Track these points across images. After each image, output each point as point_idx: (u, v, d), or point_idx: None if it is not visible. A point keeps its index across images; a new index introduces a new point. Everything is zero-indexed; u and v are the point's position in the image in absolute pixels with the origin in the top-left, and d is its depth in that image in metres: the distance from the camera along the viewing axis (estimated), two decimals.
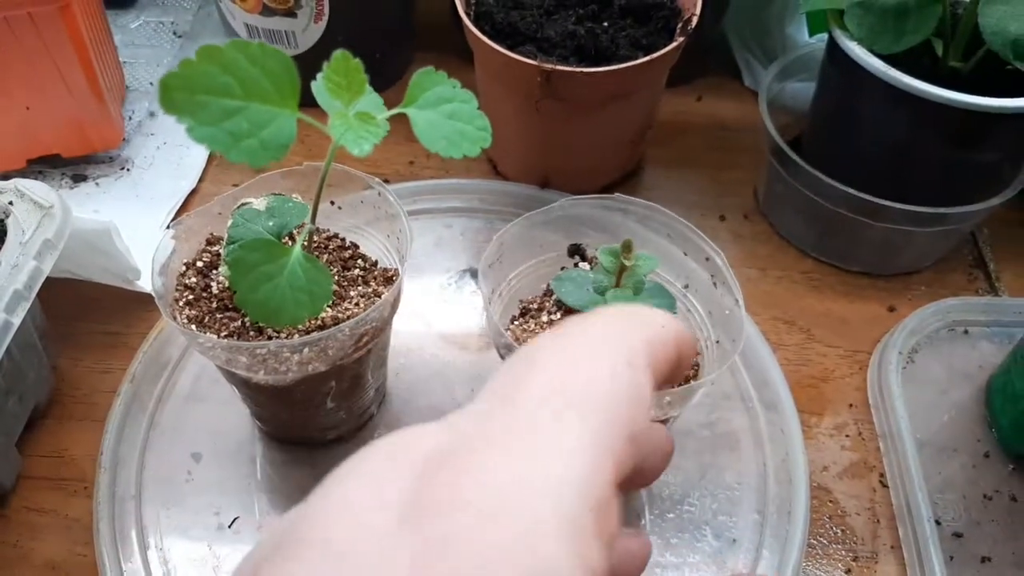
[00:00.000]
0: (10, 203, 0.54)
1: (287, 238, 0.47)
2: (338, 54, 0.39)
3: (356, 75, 0.40)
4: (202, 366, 0.60)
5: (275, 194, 0.49)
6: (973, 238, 0.71)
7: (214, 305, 0.47)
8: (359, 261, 0.51)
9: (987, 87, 0.56)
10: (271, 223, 0.46)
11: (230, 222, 0.47)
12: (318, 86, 0.40)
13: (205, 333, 0.46)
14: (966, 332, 0.64)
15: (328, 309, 0.47)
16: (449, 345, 0.62)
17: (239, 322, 0.46)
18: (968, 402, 0.61)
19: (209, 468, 0.56)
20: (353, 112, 0.40)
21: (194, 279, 0.49)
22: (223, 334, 0.46)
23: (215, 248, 0.51)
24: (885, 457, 0.57)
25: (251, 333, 0.46)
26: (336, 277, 0.49)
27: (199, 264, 0.50)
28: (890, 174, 0.63)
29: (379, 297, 0.48)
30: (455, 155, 0.41)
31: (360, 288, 0.49)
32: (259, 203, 0.47)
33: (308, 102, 0.39)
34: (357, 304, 0.48)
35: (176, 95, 0.35)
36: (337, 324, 0.46)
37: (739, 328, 0.46)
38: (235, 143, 0.36)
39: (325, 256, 0.51)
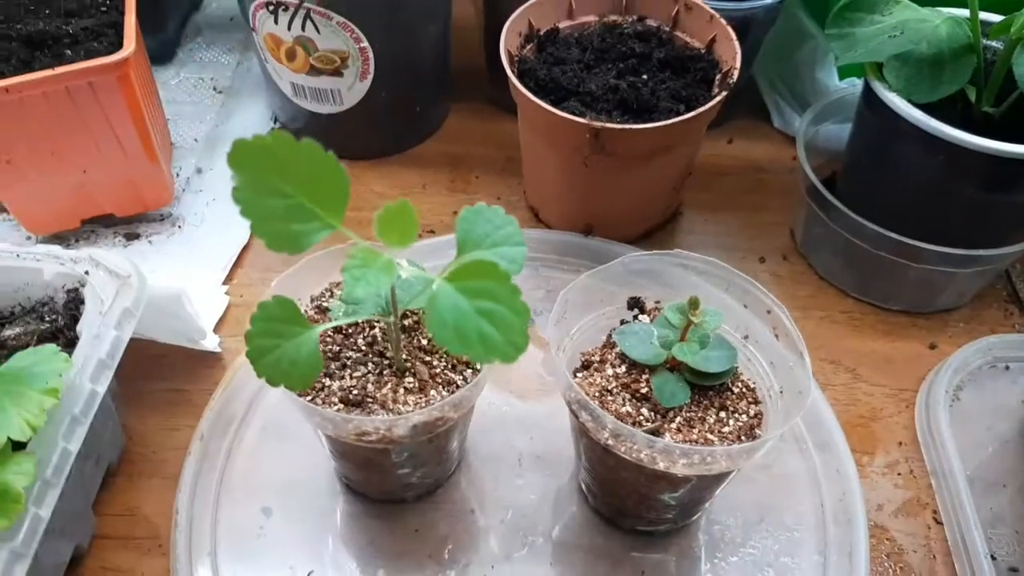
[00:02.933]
0: (86, 272, 0.56)
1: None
2: (403, 203, 0.39)
3: (410, 226, 0.39)
4: (267, 420, 0.62)
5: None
6: (1007, 275, 0.73)
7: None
8: None
9: (1018, 131, 0.58)
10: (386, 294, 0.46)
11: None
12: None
13: (312, 400, 0.47)
14: (1007, 368, 0.66)
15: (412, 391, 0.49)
16: (507, 395, 0.64)
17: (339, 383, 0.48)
18: (1013, 437, 0.62)
19: (279, 523, 0.57)
20: (391, 257, 0.40)
21: None
22: (333, 402, 0.47)
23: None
24: (938, 494, 0.59)
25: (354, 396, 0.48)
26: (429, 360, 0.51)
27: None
28: (925, 216, 0.65)
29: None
30: (475, 360, 0.40)
31: (442, 363, 0.51)
32: (407, 270, 0.48)
33: (352, 155, 0.39)
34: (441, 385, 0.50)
35: (243, 181, 0.36)
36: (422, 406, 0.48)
37: (805, 380, 0.48)
38: (276, 237, 0.38)
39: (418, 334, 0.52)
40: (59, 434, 0.47)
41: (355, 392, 0.48)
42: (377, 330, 0.52)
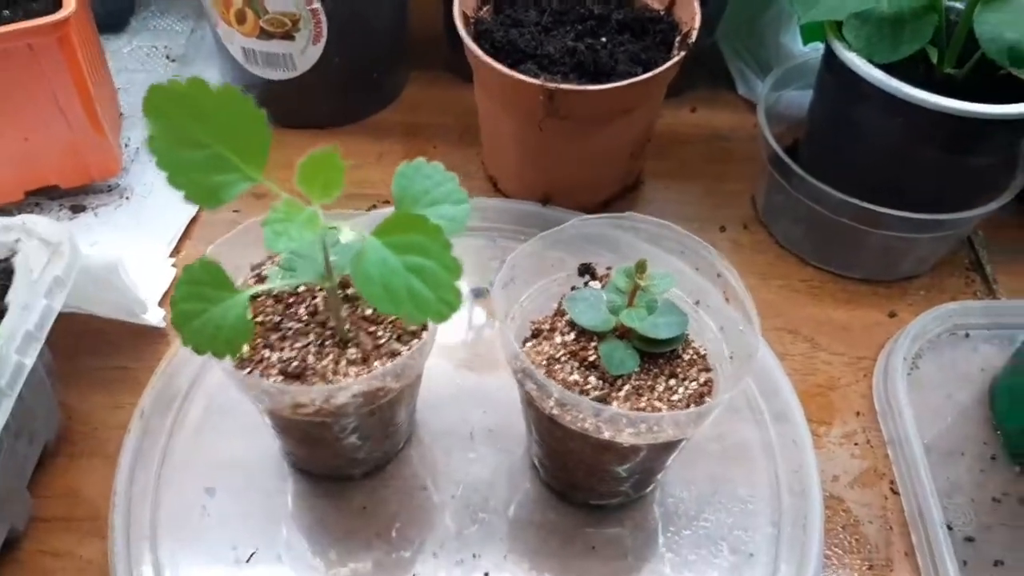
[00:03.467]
0: (17, 240, 0.54)
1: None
2: (329, 150, 0.37)
3: (334, 176, 0.37)
4: (210, 397, 0.60)
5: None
6: (969, 242, 0.72)
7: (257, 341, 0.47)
8: None
9: (981, 93, 0.57)
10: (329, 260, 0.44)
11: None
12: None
13: (250, 372, 0.46)
14: (967, 336, 0.65)
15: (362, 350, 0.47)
16: (459, 368, 0.62)
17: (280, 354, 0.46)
18: (972, 405, 0.61)
19: (223, 502, 0.56)
20: (314, 209, 0.37)
21: None
22: (272, 374, 0.46)
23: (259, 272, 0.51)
24: (895, 464, 0.58)
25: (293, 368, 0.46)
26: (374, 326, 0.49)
27: None
28: (887, 181, 0.64)
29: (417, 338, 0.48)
30: (407, 320, 0.37)
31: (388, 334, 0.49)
32: (347, 235, 0.46)
33: (305, 123, 0.38)
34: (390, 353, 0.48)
35: (159, 130, 0.35)
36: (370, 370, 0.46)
37: (754, 344, 0.46)
38: (195, 188, 0.36)
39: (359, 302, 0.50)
40: None
41: (295, 364, 0.47)
42: (320, 300, 0.50)
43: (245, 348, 0.47)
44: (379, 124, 0.81)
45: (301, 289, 0.50)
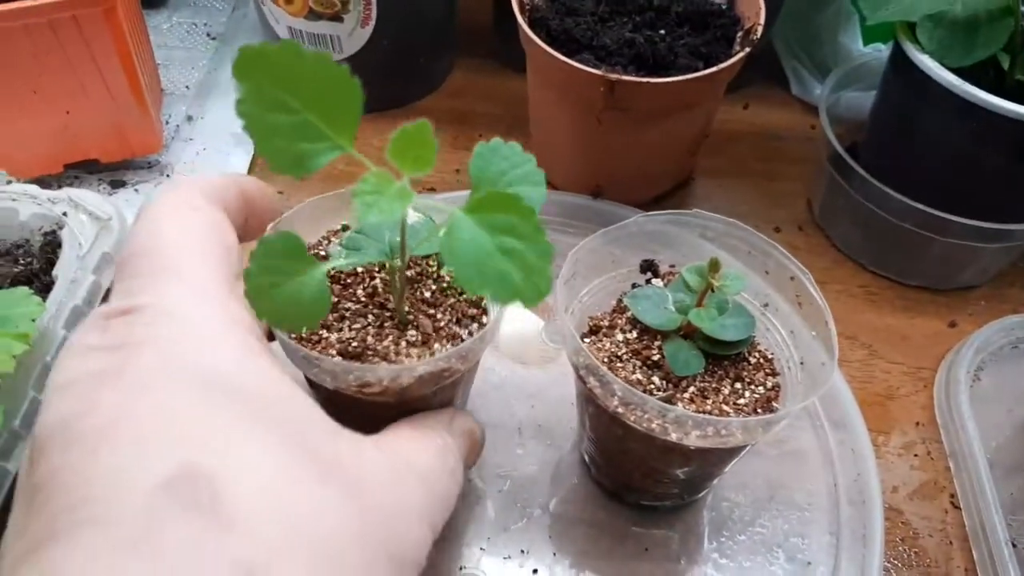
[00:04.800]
0: (64, 214, 0.52)
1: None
2: (421, 124, 0.35)
3: (428, 149, 0.36)
4: None
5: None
6: None
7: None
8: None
9: None
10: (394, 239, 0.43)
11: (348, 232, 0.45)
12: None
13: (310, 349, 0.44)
14: None
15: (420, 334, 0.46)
16: (506, 360, 0.61)
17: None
18: None
19: None
20: (404, 182, 0.36)
21: None
22: (331, 354, 0.44)
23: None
24: (956, 477, 0.56)
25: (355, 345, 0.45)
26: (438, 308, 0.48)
27: None
28: (953, 187, 0.62)
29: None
30: (495, 300, 0.35)
31: (447, 316, 0.48)
32: (413, 216, 0.44)
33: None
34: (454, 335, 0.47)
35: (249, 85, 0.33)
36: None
37: (830, 351, 0.45)
38: (281, 156, 0.34)
39: (431, 282, 0.49)
40: (29, 383, 0.44)
41: (354, 344, 0.45)
42: (378, 281, 0.49)
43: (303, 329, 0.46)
44: (424, 110, 0.80)
45: (359, 270, 0.49)
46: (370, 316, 0.47)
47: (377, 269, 0.49)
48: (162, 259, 0.32)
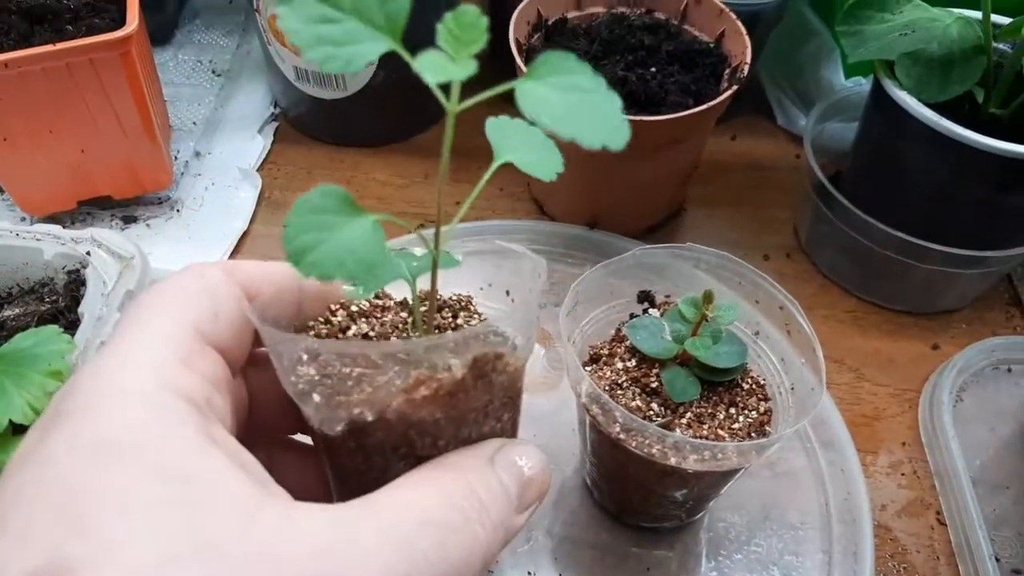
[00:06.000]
0: (87, 253, 0.55)
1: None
2: (470, 7, 0.36)
3: (477, 32, 0.38)
4: None
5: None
6: (1008, 278, 0.73)
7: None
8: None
9: None
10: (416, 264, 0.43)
11: None
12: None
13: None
14: (1009, 370, 0.66)
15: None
16: None
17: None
18: (1015, 439, 0.62)
19: None
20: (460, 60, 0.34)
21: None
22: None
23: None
24: (941, 495, 0.59)
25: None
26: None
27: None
28: (931, 216, 0.65)
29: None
30: (591, 144, 0.32)
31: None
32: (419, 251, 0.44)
33: (353, 142, 0.37)
34: None
35: None
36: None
37: (818, 376, 0.47)
38: (330, 57, 0.35)
39: (459, 310, 0.48)
40: None
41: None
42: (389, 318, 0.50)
43: (323, 330, 0.45)
44: (426, 144, 0.82)
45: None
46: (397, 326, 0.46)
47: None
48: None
